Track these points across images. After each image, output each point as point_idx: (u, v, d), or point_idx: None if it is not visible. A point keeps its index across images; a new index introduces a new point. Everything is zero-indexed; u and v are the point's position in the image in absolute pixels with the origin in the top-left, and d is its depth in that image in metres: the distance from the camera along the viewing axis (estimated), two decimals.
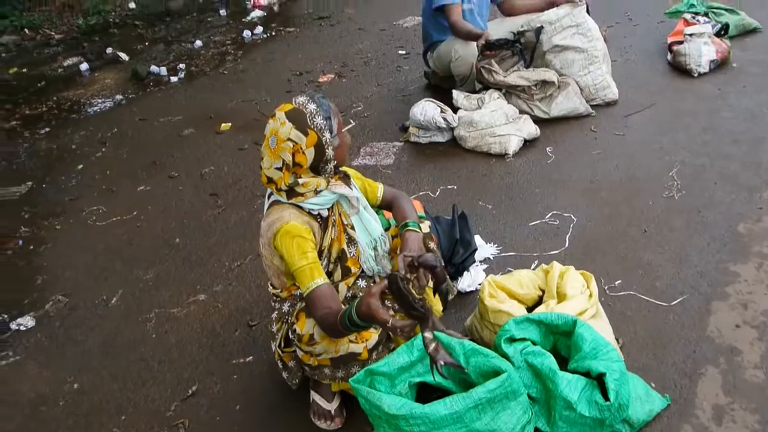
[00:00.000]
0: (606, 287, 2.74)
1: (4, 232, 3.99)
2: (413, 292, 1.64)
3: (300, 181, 2.04)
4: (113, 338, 2.94)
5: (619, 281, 2.77)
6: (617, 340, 2.43)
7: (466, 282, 2.84)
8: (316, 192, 2.05)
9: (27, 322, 3.12)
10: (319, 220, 2.11)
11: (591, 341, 2.09)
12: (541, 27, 4.26)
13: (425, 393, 2.15)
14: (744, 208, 3.14)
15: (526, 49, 4.37)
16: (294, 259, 1.98)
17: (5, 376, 2.82)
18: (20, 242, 3.87)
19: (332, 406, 2.30)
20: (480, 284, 2.83)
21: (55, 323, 3.11)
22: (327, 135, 2.02)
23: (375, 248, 2.24)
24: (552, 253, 3.00)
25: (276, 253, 2.07)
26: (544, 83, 4.15)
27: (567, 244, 3.05)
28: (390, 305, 2.04)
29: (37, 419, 2.55)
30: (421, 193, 3.63)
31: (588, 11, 4.40)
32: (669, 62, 4.73)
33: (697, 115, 4.03)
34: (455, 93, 4.24)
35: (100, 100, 5.83)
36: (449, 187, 3.67)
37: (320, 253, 2.12)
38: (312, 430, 2.29)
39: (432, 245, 2.29)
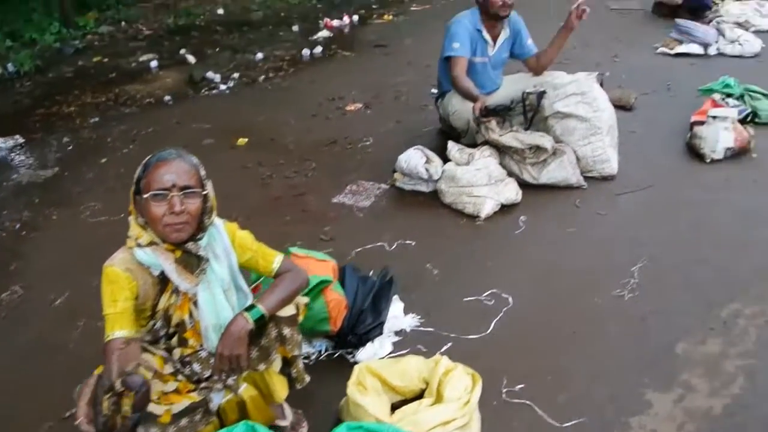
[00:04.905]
0: (504, 390, 2.34)
1: (10, 214, 3.99)
2: (105, 404, 1.34)
3: (130, 222, 1.82)
4: (43, 339, 2.83)
5: (522, 386, 2.35)
6: None
7: (367, 353, 2.53)
8: (137, 243, 1.79)
9: None
10: (158, 276, 1.83)
11: None
12: (544, 92, 3.83)
13: None
14: (694, 324, 2.62)
15: (530, 110, 3.96)
16: (104, 304, 1.77)
17: None
18: (17, 226, 3.85)
19: None
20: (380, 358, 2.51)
21: (1, 314, 3.02)
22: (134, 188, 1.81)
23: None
24: (470, 337, 2.62)
25: None
26: (538, 148, 3.72)
27: (490, 329, 2.66)
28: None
29: None
30: (378, 244, 3.31)
31: (601, 84, 3.94)
32: (686, 142, 4.15)
33: (691, 206, 3.46)
34: (450, 144, 3.87)
35: (151, 99, 5.81)
36: (407, 242, 3.32)
37: (153, 314, 1.86)
38: None
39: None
